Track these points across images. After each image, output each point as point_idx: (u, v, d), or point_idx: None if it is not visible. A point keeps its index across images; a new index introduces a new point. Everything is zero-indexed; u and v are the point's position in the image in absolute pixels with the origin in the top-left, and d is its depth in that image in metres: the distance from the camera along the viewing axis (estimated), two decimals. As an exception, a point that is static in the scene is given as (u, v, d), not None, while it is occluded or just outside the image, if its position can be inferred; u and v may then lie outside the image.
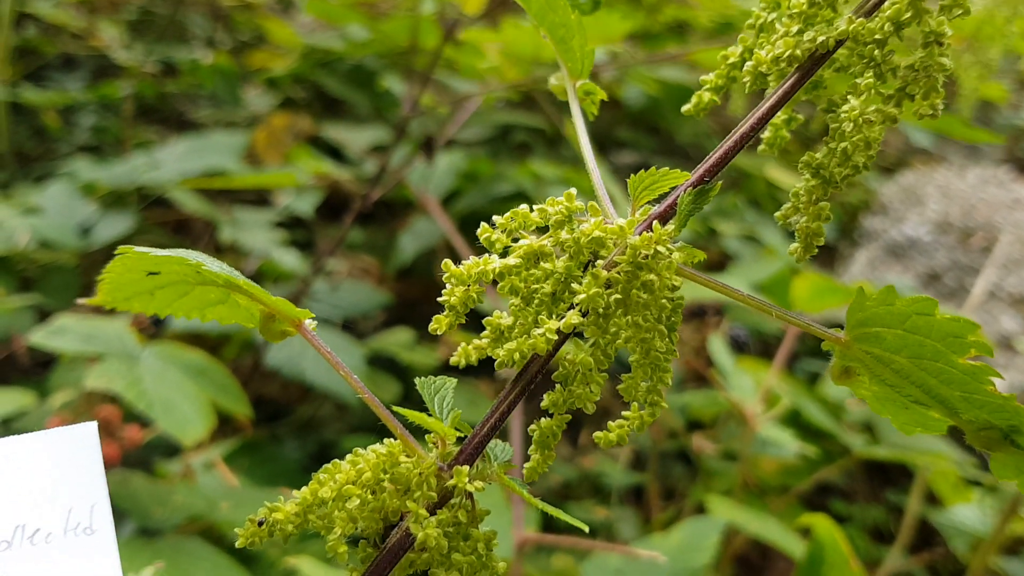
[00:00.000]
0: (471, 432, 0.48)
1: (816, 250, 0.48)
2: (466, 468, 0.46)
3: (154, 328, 1.50)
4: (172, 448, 1.46)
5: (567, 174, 1.93)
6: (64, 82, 2.42)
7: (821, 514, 1.30)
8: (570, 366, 0.47)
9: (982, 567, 1.41)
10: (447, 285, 0.48)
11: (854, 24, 0.46)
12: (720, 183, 0.47)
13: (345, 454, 0.48)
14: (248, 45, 2.67)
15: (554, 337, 0.46)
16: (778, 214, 0.48)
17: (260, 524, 0.46)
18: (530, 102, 2.24)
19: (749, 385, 1.55)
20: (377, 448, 0.48)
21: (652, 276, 0.45)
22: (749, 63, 0.48)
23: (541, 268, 0.47)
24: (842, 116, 0.46)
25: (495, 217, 0.49)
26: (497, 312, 0.48)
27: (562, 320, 0.46)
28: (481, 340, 0.48)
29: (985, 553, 1.41)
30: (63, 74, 2.47)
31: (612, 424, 0.48)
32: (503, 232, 0.49)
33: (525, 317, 0.47)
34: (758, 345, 1.90)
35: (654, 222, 0.46)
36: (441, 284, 0.49)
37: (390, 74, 2.25)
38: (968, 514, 1.52)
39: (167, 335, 1.59)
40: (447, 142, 2.00)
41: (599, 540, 1.49)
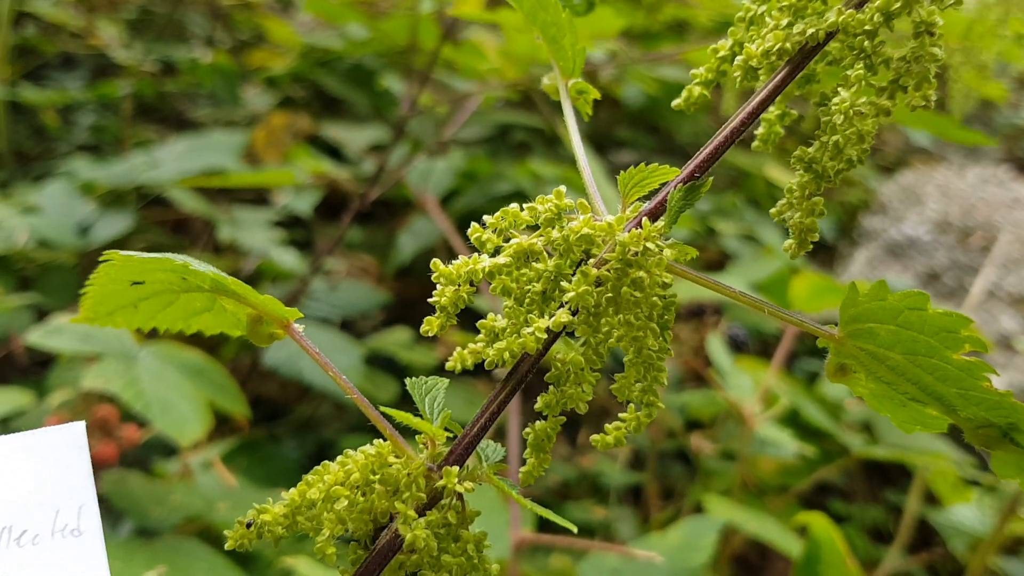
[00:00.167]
0: (462, 432, 0.48)
1: (811, 246, 0.47)
2: (455, 469, 0.46)
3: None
4: (170, 448, 1.46)
5: (566, 173, 1.92)
6: (63, 81, 2.42)
7: (818, 512, 1.30)
8: (562, 366, 0.47)
9: (981, 567, 1.41)
10: (438, 285, 0.48)
11: (844, 16, 0.46)
12: (711, 179, 0.47)
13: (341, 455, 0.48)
14: (247, 44, 2.67)
15: (543, 336, 0.45)
16: (773, 210, 0.48)
17: (248, 526, 0.46)
18: (529, 102, 2.24)
19: (748, 385, 1.54)
20: (366, 449, 0.47)
21: (642, 273, 0.45)
22: (739, 57, 0.48)
23: (532, 267, 0.47)
24: (833, 109, 0.45)
25: (486, 217, 0.48)
26: (491, 315, 0.48)
27: (551, 319, 0.45)
28: (476, 344, 0.48)
29: (984, 553, 1.41)
30: (62, 73, 2.46)
31: (609, 427, 0.48)
32: (494, 231, 0.48)
33: (518, 317, 0.47)
34: (757, 345, 1.90)
35: (644, 219, 0.46)
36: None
37: (389, 73, 2.24)
38: (967, 514, 1.51)
39: (165, 335, 1.59)
40: (446, 141, 2.00)
41: (597, 540, 1.49)
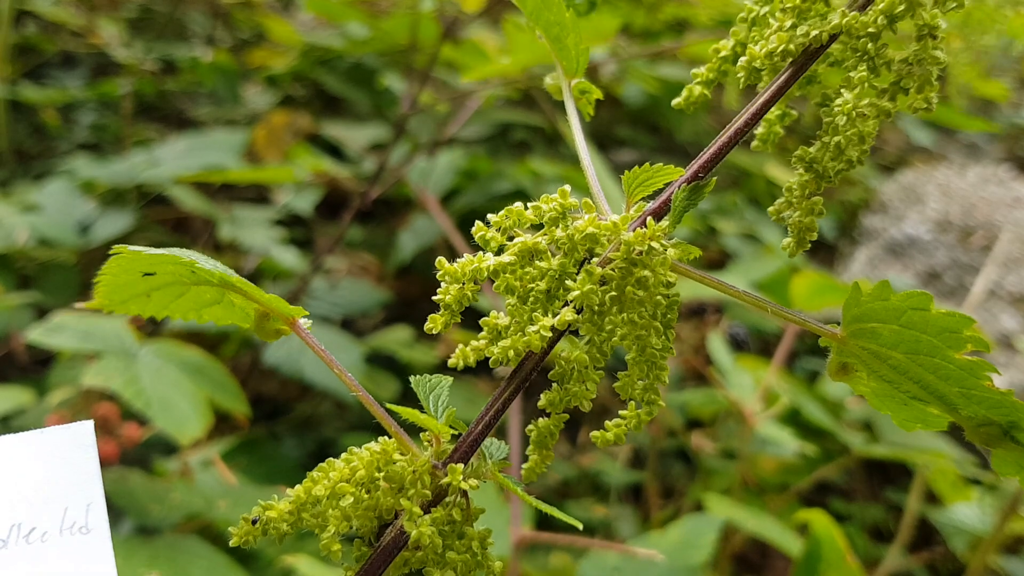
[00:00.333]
0: (466, 430, 0.48)
1: (809, 245, 0.47)
2: (460, 466, 0.46)
3: (152, 325, 1.49)
4: (170, 446, 1.46)
5: (566, 172, 1.92)
6: (63, 80, 2.42)
7: (818, 511, 1.30)
8: (566, 364, 0.47)
9: (981, 566, 1.41)
10: (442, 283, 0.48)
11: (847, 18, 0.46)
12: (715, 179, 0.47)
13: (343, 452, 0.48)
14: (248, 43, 2.67)
15: (548, 334, 0.45)
16: (771, 209, 0.48)
17: (254, 523, 0.46)
18: (530, 101, 2.24)
19: (748, 383, 1.54)
20: (371, 446, 0.47)
21: (646, 272, 0.45)
22: (743, 58, 0.48)
23: (536, 266, 0.47)
24: (835, 110, 0.46)
25: (490, 215, 0.48)
26: (494, 312, 0.48)
27: (556, 317, 0.46)
28: (479, 341, 0.48)
29: (984, 552, 1.41)
30: (63, 72, 2.47)
31: (609, 423, 0.48)
32: (498, 230, 0.48)
33: (521, 316, 0.47)
34: (757, 343, 1.90)
35: (648, 218, 0.46)
36: (440, 282, 0.49)
37: (390, 72, 2.24)
38: (967, 513, 1.51)
39: (165, 333, 1.59)
40: (447, 140, 2.00)
41: (598, 538, 1.49)
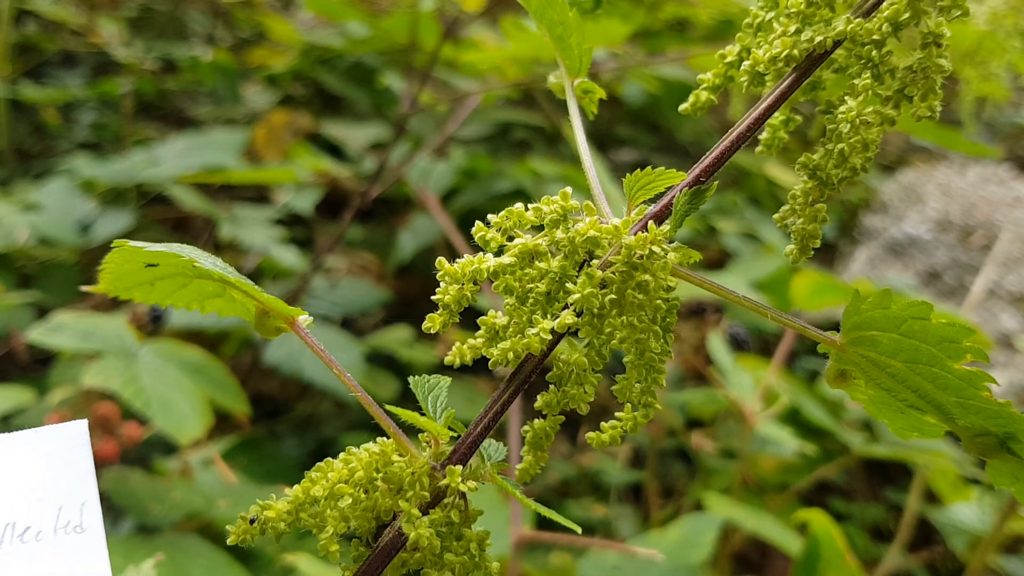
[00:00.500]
0: (465, 431, 0.48)
1: (812, 252, 0.47)
2: (459, 468, 0.46)
3: (153, 325, 1.49)
4: (171, 445, 1.46)
5: (566, 172, 1.92)
6: (64, 79, 2.42)
7: (818, 510, 1.30)
8: (564, 366, 0.47)
9: (981, 565, 1.41)
10: (442, 283, 0.48)
11: (852, 24, 0.46)
12: (716, 183, 0.47)
13: (342, 452, 0.48)
14: (248, 42, 2.67)
15: (548, 337, 0.45)
16: (776, 216, 0.48)
17: (252, 522, 0.46)
18: (530, 100, 2.24)
19: (748, 383, 1.54)
20: (370, 447, 0.47)
21: (647, 277, 0.45)
22: (747, 63, 0.48)
23: (536, 267, 0.47)
24: (839, 117, 0.45)
25: (490, 216, 0.48)
26: (492, 311, 0.48)
27: (556, 320, 0.46)
28: (476, 339, 0.48)
29: (984, 551, 1.41)
30: (63, 71, 2.46)
31: (605, 425, 0.48)
32: (498, 231, 0.48)
33: (520, 316, 0.47)
34: (757, 343, 1.90)
35: (649, 222, 0.46)
36: (440, 282, 0.48)
37: (390, 71, 2.24)
38: (967, 512, 1.52)
39: (166, 332, 1.59)
40: (447, 139, 2.00)
41: (597, 537, 1.49)
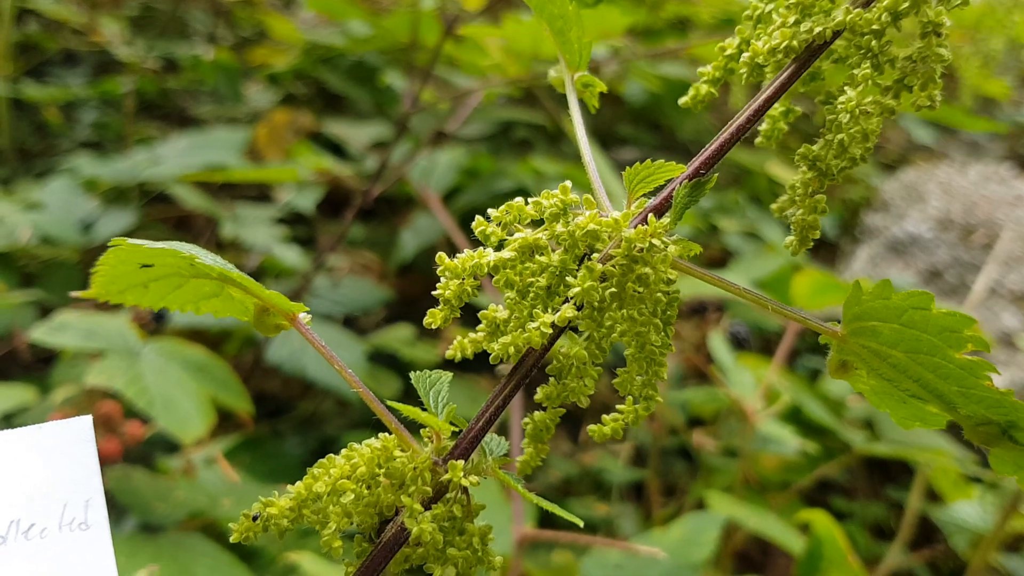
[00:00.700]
0: (467, 427, 0.48)
1: (812, 243, 0.47)
2: (461, 463, 0.46)
3: (155, 324, 1.49)
4: (173, 444, 1.46)
5: (568, 170, 1.92)
6: (65, 78, 2.42)
7: (819, 510, 1.30)
8: (564, 360, 0.47)
9: (982, 564, 1.41)
10: (442, 279, 0.48)
11: (851, 14, 0.46)
12: (716, 175, 0.47)
13: (344, 449, 0.48)
14: (249, 41, 2.67)
15: (549, 331, 0.45)
16: (774, 206, 0.48)
17: (255, 519, 0.46)
18: (531, 98, 2.24)
19: (749, 381, 1.54)
20: (372, 443, 0.47)
21: (647, 269, 0.45)
22: (746, 54, 0.48)
23: (536, 261, 0.47)
24: (839, 108, 0.45)
25: (490, 210, 0.48)
26: (493, 306, 0.48)
27: (557, 314, 0.46)
28: (477, 334, 0.48)
29: (985, 550, 1.41)
30: (64, 70, 2.47)
31: (607, 417, 0.48)
32: (498, 225, 0.48)
33: (521, 311, 0.47)
34: (758, 341, 1.90)
35: (649, 215, 0.46)
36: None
37: (391, 70, 2.24)
38: (969, 511, 1.51)
39: (168, 331, 1.59)
40: (448, 138, 2.00)
41: (599, 536, 1.49)
